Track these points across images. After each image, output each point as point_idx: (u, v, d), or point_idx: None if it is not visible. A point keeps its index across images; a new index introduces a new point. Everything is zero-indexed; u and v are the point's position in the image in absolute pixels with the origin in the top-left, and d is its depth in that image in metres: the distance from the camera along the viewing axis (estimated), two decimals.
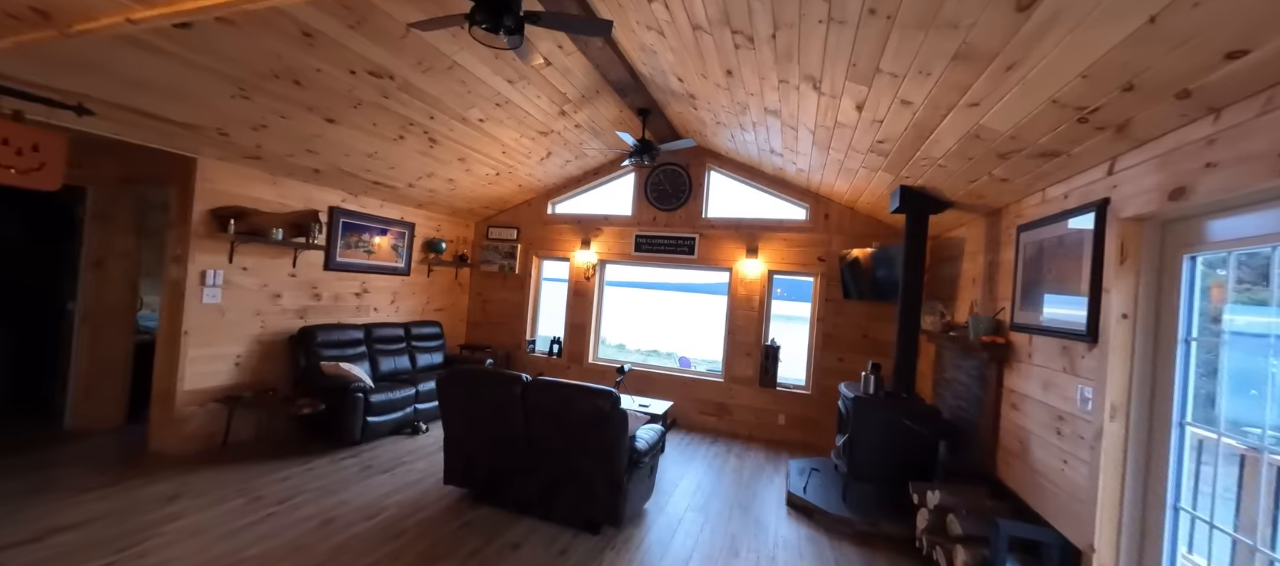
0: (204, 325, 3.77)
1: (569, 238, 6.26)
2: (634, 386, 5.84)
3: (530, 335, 6.48)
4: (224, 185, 3.83)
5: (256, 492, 3.20)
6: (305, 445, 4.02)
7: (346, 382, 4.06)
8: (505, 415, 3.00)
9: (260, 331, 4.18)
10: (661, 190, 5.86)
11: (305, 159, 4.06)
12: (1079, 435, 2.16)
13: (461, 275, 6.58)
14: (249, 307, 4.08)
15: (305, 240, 4.35)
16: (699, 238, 5.69)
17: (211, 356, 3.84)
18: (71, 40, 2.26)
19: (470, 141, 4.53)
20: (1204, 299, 1.78)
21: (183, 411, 3.66)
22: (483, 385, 3.06)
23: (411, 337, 5.44)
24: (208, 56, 2.73)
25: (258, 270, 4.12)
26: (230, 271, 3.91)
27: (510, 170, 5.39)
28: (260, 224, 4.03)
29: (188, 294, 3.65)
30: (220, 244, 3.83)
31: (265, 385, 4.17)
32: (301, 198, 4.43)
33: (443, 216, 6.14)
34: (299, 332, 4.31)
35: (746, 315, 5.52)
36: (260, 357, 4.18)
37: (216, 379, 3.86)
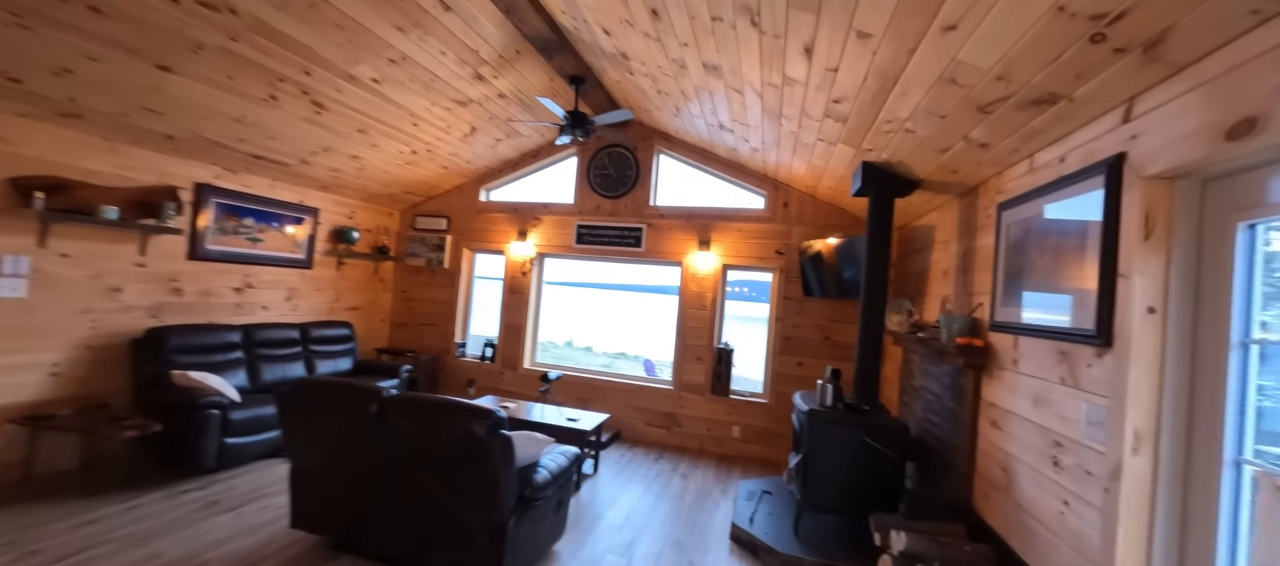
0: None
1: (504, 228, 5.58)
2: (572, 396, 5.20)
3: (461, 337, 5.76)
4: (33, 150, 3.03)
5: (33, 545, 2.43)
6: (145, 475, 3.24)
7: (198, 397, 3.30)
8: (361, 441, 2.32)
9: (90, 334, 3.37)
10: (606, 175, 5.24)
11: (146, 120, 3.29)
12: (1086, 470, 1.63)
13: (383, 270, 5.82)
14: (72, 304, 3.27)
15: (156, 222, 3.57)
16: (647, 228, 5.09)
17: (12, 365, 3.03)
18: None
19: (369, 109, 3.82)
20: (1272, 282, 1.26)
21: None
22: (331, 401, 2.37)
23: (310, 341, 4.67)
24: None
25: (85, 257, 3.32)
26: (42, 258, 3.11)
27: (429, 149, 4.69)
28: (89, 200, 3.24)
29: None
30: (25, 223, 3.02)
31: (95, 400, 3.36)
32: (153, 171, 3.64)
33: (356, 202, 5.38)
34: (145, 335, 3.52)
35: (698, 315, 4.94)
36: (90, 366, 3.38)
37: (18, 394, 3.05)
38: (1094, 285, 1.63)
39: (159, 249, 3.72)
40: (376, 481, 2.35)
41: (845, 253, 4.14)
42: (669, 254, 5.03)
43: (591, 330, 19.72)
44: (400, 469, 2.30)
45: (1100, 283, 1.59)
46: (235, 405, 3.48)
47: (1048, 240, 1.97)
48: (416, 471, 2.27)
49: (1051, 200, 1.95)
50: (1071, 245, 1.81)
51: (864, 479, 2.86)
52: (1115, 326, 1.53)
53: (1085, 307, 1.67)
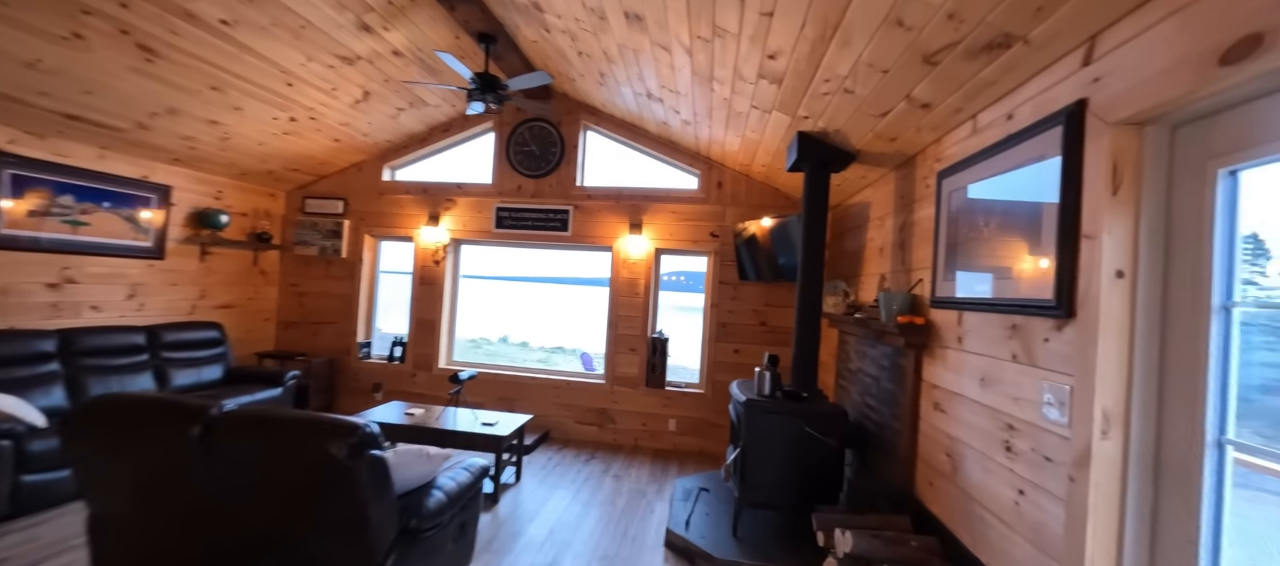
0: None
1: (412, 211, 4.94)
2: (495, 396, 4.72)
3: (365, 336, 5.07)
4: None
5: None
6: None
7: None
8: (180, 475, 1.77)
9: None
10: (527, 152, 4.76)
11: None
12: (1044, 456, 1.46)
13: (266, 260, 4.99)
14: None
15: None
16: (574, 210, 4.69)
17: None
18: None
19: (222, 60, 3.11)
20: (1257, 239, 1.10)
21: None
22: (136, 425, 1.79)
23: (161, 347, 3.85)
24: None
25: None
26: None
27: (313, 116, 3.98)
28: None
29: None
30: None
31: None
32: None
33: (224, 180, 4.53)
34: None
35: (631, 303, 4.61)
36: None
37: None
38: (1051, 251, 1.46)
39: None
40: (208, 524, 1.81)
41: (780, 234, 3.98)
42: (598, 238, 4.66)
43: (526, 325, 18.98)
44: (241, 506, 1.78)
45: (1059, 246, 1.42)
46: (36, 433, 2.71)
47: (994, 206, 1.81)
48: (263, 508, 1.76)
49: (997, 161, 1.78)
50: (1022, 210, 1.64)
51: (804, 470, 2.67)
52: (1079, 294, 1.36)
53: (1039, 276, 1.50)
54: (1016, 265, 1.65)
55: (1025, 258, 1.60)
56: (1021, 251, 1.62)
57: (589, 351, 10.76)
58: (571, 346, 15.92)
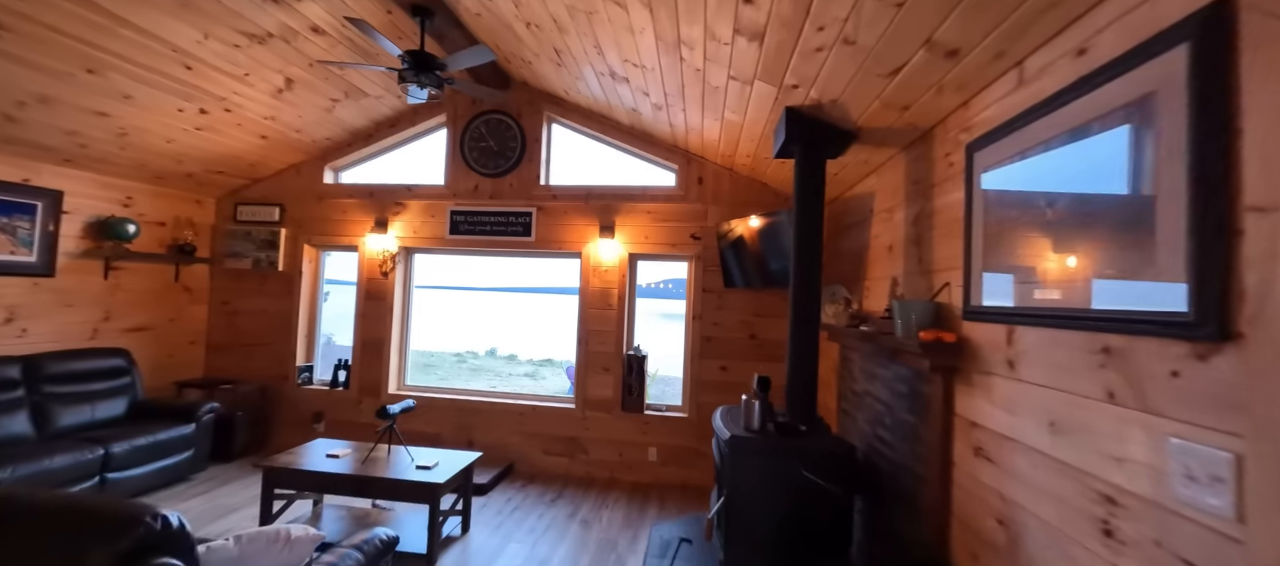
0: None
1: (357, 217, 4.39)
2: (452, 423, 4.15)
3: (304, 358, 4.49)
4: None
5: None
6: None
7: None
8: None
9: None
10: (484, 149, 4.23)
11: None
12: (1181, 558, 0.93)
13: (190, 275, 4.40)
14: None
15: None
16: (537, 212, 4.15)
17: None
18: None
19: (93, 36, 2.57)
20: None
21: None
22: None
23: (42, 380, 3.25)
24: None
25: None
26: None
27: (227, 108, 3.44)
28: None
29: None
30: None
31: None
32: None
33: (133, 184, 3.96)
34: None
35: (603, 315, 4.07)
36: None
37: None
38: (1177, 237, 0.94)
39: None
40: None
41: (770, 235, 3.47)
42: (565, 243, 4.12)
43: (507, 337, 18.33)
44: None
45: (1196, 229, 0.90)
46: None
47: (1059, 180, 1.30)
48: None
49: (1061, 117, 1.27)
50: (1108, 180, 1.13)
51: (803, 523, 2.13)
52: (1245, 304, 0.84)
53: (1152, 274, 0.99)
54: (1100, 261, 1.13)
55: (1119, 249, 1.08)
56: (1109, 239, 1.11)
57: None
58: (561, 358, 15.32)
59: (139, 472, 3.23)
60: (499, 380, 12.93)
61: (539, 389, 11.57)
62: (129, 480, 3.18)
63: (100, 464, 3.03)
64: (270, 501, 2.77)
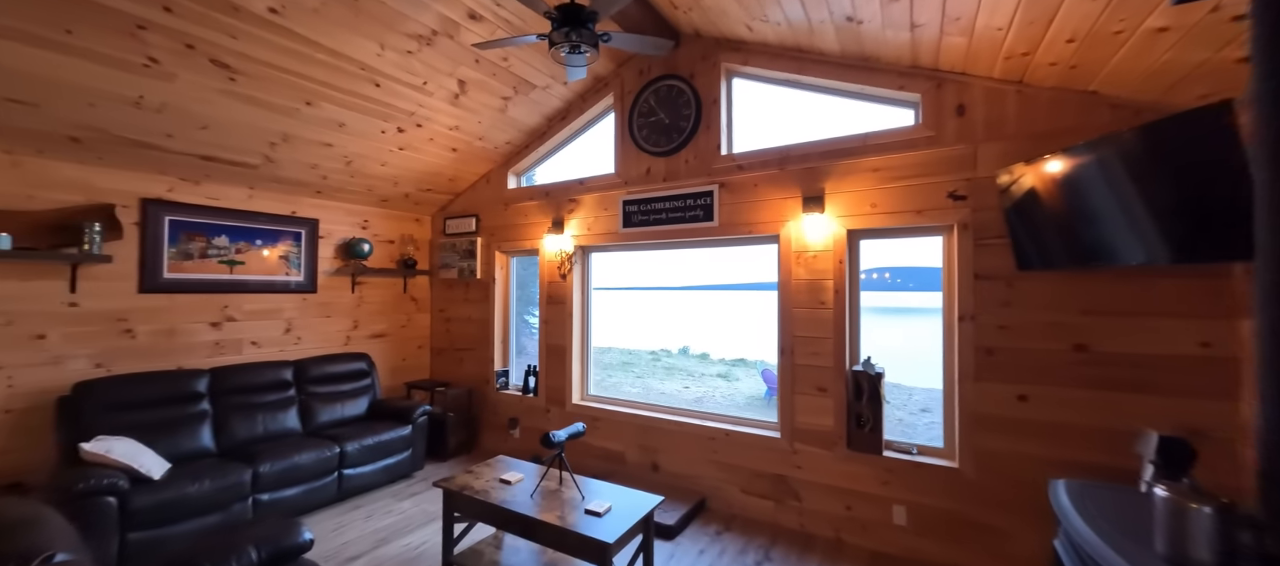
0: None
1: (536, 219, 4.26)
2: (634, 444, 3.64)
3: (501, 363, 4.57)
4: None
5: None
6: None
7: (97, 478, 2.42)
8: None
9: (7, 394, 2.73)
10: (654, 124, 3.62)
11: (24, 118, 2.54)
12: None
13: (415, 286, 4.89)
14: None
15: (81, 249, 2.85)
16: (720, 190, 3.35)
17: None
18: None
19: (297, 65, 2.74)
20: None
21: None
22: None
23: (308, 381, 3.79)
24: None
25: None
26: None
27: (418, 123, 3.54)
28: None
29: None
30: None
31: (9, 478, 2.69)
32: (78, 187, 2.96)
33: (368, 208, 4.49)
34: (71, 393, 2.80)
35: (813, 316, 3.04)
36: (10, 434, 2.73)
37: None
38: None
39: (97, 283, 3.03)
40: None
41: (1093, 177, 1.97)
42: (757, 224, 3.22)
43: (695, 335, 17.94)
44: None
45: None
46: (143, 487, 2.56)
47: None
48: None
49: None
50: None
51: None
52: None
53: None
54: None
55: None
56: None
57: (773, 367, 9.12)
58: (754, 358, 14.26)
59: (368, 470, 3.51)
60: (692, 380, 12.57)
61: (733, 391, 10.77)
62: (360, 477, 3.46)
63: (337, 461, 3.34)
64: (452, 525, 2.58)
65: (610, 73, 3.79)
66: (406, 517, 3.21)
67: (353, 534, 3.00)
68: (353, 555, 2.77)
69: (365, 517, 3.20)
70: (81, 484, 2.36)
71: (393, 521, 3.16)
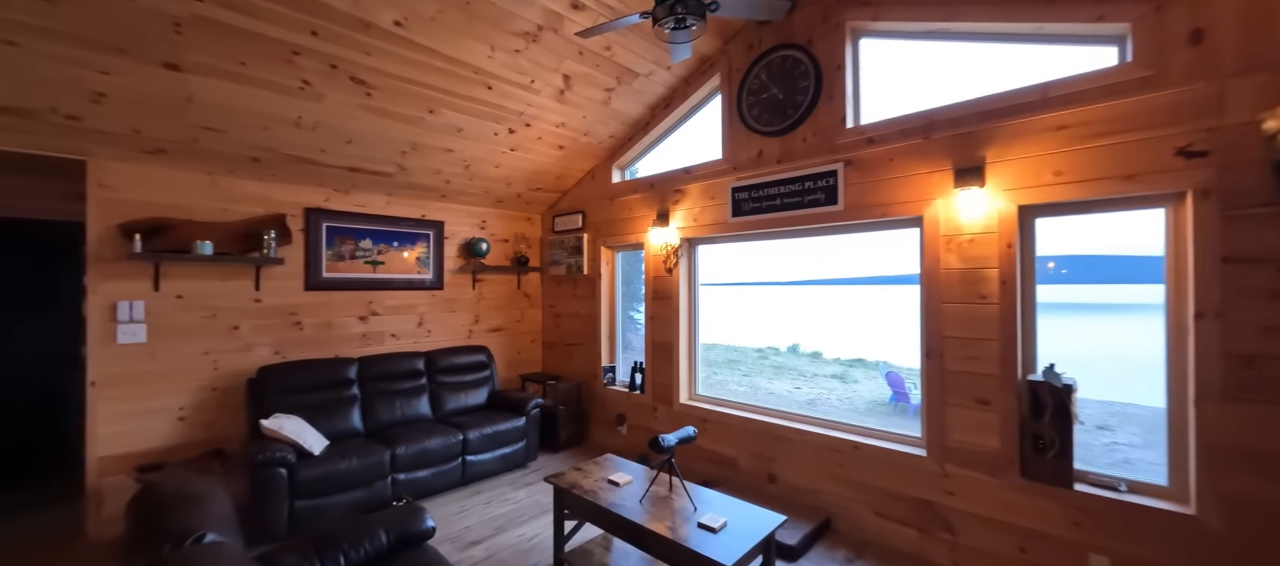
0: (125, 373, 2.96)
1: (641, 213, 4.16)
2: (748, 450, 3.37)
3: (608, 359, 4.56)
4: (133, 193, 3.00)
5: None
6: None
7: (272, 450, 2.80)
8: None
9: (213, 375, 3.27)
10: (765, 100, 3.29)
11: (218, 143, 3.01)
12: None
13: (528, 283, 5.09)
14: (193, 346, 3.20)
15: (262, 254, 3.34)
16: (845, 167, 2.94)
17: (139, 411, 3.01)
18: None
19: (418, 75, 2.91)
20: None
21: (99, 485, 2.87)
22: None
23: (436, 371, 4.10)
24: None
25: (201, 297, 3.23)
26: (157, 301, 3.06)
27: (526, 123, 3.62)
28: (192, 238, 3.12)
29: (94, 333, 2.86)
30: (138, 267, 2.99)
31: (216, 446, 3.23)
32: (259, 200, 3.46)
33: (485, 209, 4.75)
34: (257, 375, 3.29)
35: (970, 314, 2.52)
36: (216, 409, 3.28)
37: (144, 440, 3.02)
38: None
39: (274, 282, 3.53)
40: None
41: None
42: (892, 205, 2.76)
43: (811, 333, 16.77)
44: None
45: None
46: (306, 460, 2.91)
47: None
48: None
49: None
50: None
51: None
52: None
53: None
54: None
55: None
56: None
57: (899, 368, 8.16)
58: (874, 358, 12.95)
59: (487, 457, 3.69)
60: (803, 381, 11.76)
61: (850, 394, 9.85)
62: (481, 463, 3.65)
63: (461, 447, 3.55)
64: (562, 521, 2.56)
65: (716, 51, 3.54)
66: (521, 507, 3.29)
67: (474, 519, 3.14)
68: (474, 540, 2.89)
69: (485, 504, 3.35)
70: (259, 455, 2.73)
71: (509, 510, 3.26)
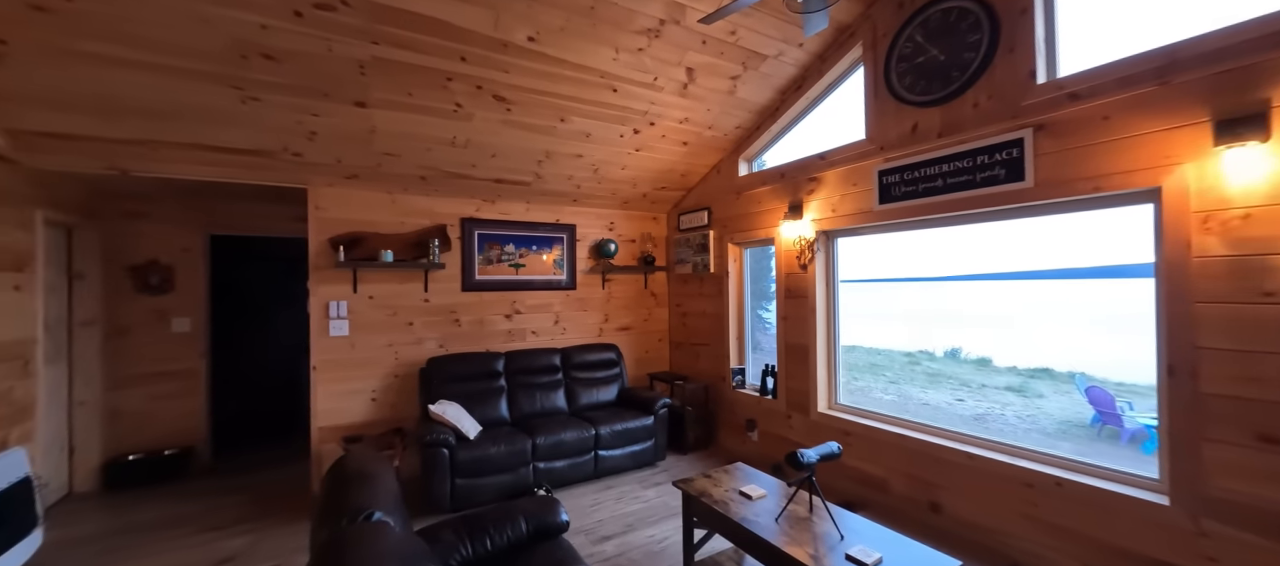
0: (334, 359, 3.62)
1: (771, 206, 3.89)
2: (904, 473, 2.94)
3: (736, 361, 4.37)
4: (337, 212, 3.64)
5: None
6: (408, 504, 3.35)
7: (437, 432, 3.19)
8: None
9: (394, 364, 3.85)
10: (921, 66, 2.82)
11: (394, 166, 3.51)
12: None
13: (654, 282, 5.12)
14: (380, 339, 3.79)
15: (428, 260, 3.83)
16: (1034, 134, 2.37)
17: (344, 392, 3.66)
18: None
19: (549, 86, 3.07)
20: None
21: (319, 449, 3.55)
22: None
23: (570, 367, 4.31)
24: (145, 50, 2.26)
25: (385, 297, 3.81)
26: (356, 301, 3.69)
27: (652, 121, 3.62)
28: (376, 248, 3.70)
29: (314, 327, 3.55)
30: (342, 272, 3.64)
31: (397, 424, 3.78)
32: (424, 213, 3.97)
33: (612, 211, 4.87)
34: (426, 365, 3.78)
35: (1247, 319, 1.84)
36: (397, 393, 3.84)
37: (347, 416, 3.66)
38: None
39: (438, 284, 4.03)
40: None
41: None
42: (1110, 176, 2.14)
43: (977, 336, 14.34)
44: None
45: None
46: (463, 443, 3.25)
47: None
48: None
49: None
50: None
51: None
52: None
53: None
54: None
55: None
56: None
57: (1099, 381, 6.57)
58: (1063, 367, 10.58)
59: (618, 454, 3.77)
60: (967, 392, 10.14)
61: (1032, 411, 8.19)
62: (611, 459, 3.74)
63: (593, 441, 3.67)
64: (691, 529, 2.47)
65: (857, 17, 3.14)
66: (650, 507, 3.29)
67: (605, 513, 3.22)
68: (606, 534, 2.95)
69: (616, 499, 3.42)
70: (428, 436, 3.12)
71: (639, 508, 3.28)
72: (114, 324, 3.81)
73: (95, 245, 3.70)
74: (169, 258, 3.99)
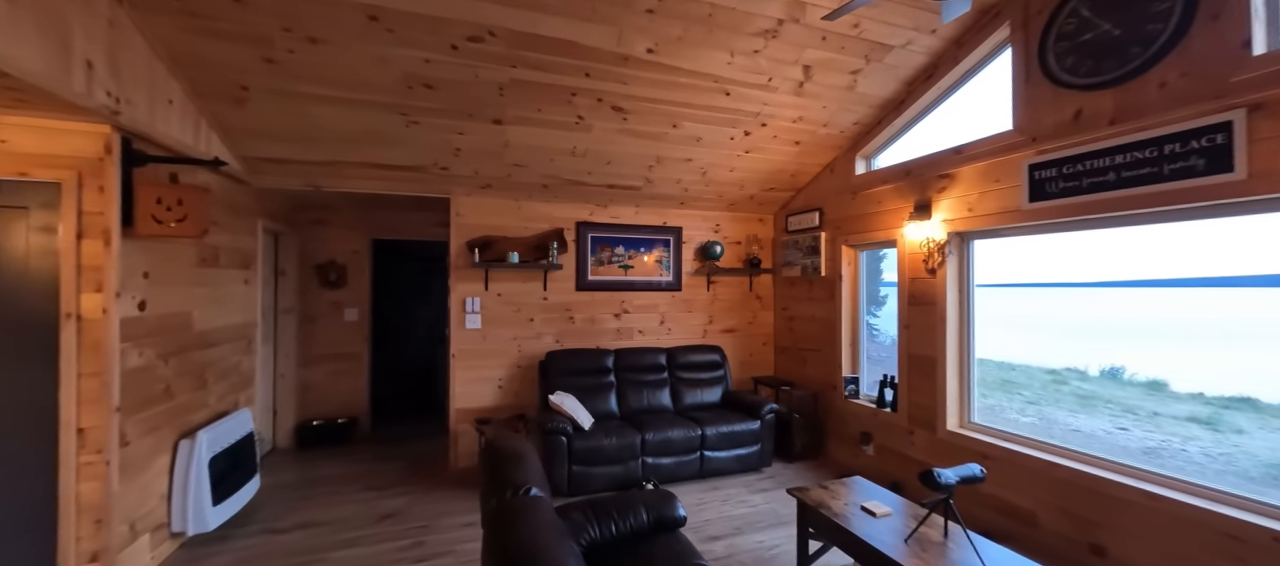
0: (468, 349, 4.07)
1: (893, 206, 3.65)
2: (1056, 505, 2.61)
3: (849, 369, 4.15)
4: (473, 218, 4.08)
5: (423, 536, 2.94)
6: None
7: (556, 421, 3.45)
8: None
9: (517, 356, 4.22)
10: (1087, 44, 2.47)
11: (521, 176, 3.85)
12: None
13: (759, 285, 5.04)
14: (506, 332, 4.18)
15: (547, 261, 4.15)
16: (1248, 115, 1.98)
17: (476, 379, 4.09)
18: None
19: (665, 94, 3.18)
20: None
21: (455, 429, 4.01)
22: None
23: (676, 367, 4.40)
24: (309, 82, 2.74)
25: (510, 295, 4.20)
26: (487, 298, 4.11)
27: (762, 123, 3.58)
28: (504, 250, 4.09)
29: (453, 320, 4.02)
30: (476, 272, 4.08)
31: (520, 410, 4.14)
32: (545, 218, 4.30)
33: (718, 213, 4.88)
34: (545, 358, 4.10)
35: None
36: (520, 382, 4.21)
37: (478, 401, 4.08)
38: None
39: (556, 283, 4.34)
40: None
41: None
42: None
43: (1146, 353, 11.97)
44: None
45: None
46: (579, 434, 3.47)
47: None
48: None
49: None
50: None
51: None
52: None
53: None
54: None
55: None
56: None
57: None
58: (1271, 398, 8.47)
59: (723, 456, 3.78)
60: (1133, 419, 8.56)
61: (1229, 448, 6.69)
62: (717, 460, 3.76)
63: (699, 441, 3.72)
64: (806, 539, 2.42)
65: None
66: (758, 512, 3.26)
67: (711, 514, 3.25)
68: (714, 535, 2.98)
69: (722, 501, 3.43)
70: (549, 424, 3.39)
71: (746, 512, 3.26)
72: (304, 312, 4.64)
73: (293, 247, 4.54)
74: (343, 258, 4.76)
